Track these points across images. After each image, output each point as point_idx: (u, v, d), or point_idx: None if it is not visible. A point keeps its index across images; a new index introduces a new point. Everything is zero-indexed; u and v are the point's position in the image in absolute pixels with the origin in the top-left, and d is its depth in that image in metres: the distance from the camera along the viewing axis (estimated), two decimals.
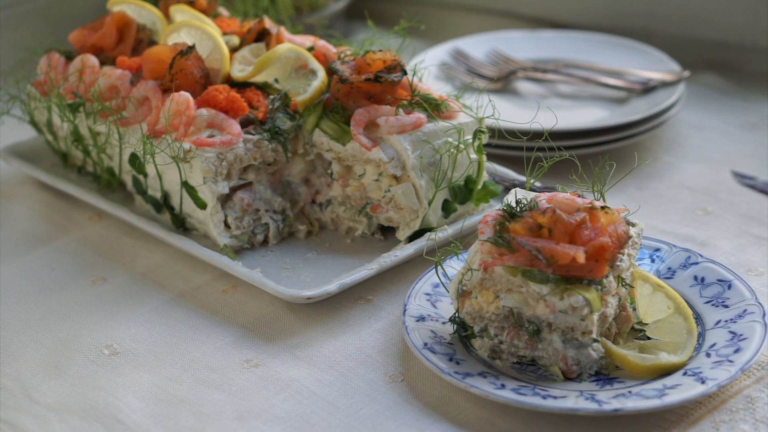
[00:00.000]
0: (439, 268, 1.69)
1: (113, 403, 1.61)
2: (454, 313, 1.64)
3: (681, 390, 1.51)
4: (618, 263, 1.57)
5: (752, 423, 1.51)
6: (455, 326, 1.64)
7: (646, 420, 1.52)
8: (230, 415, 1.58)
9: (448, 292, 1.69)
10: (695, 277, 1.73)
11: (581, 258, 1.50)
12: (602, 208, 1.56)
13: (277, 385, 1.64)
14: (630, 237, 1.59)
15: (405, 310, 1.67)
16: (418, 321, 1.66)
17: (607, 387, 1.54)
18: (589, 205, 1.57)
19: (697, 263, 1.75)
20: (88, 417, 1.59)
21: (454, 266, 1.75)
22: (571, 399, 1.50)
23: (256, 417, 1.58)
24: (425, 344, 1.61)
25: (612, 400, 1.49)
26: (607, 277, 1.55)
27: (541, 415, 1.54)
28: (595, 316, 1.53)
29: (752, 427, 1.50)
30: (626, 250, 1.59)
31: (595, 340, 1.55)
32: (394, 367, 1.66)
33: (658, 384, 1.53)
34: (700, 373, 1.54)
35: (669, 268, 1.75)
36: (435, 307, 1.69)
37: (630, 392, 1.52)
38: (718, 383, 1.51)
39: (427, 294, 1.71)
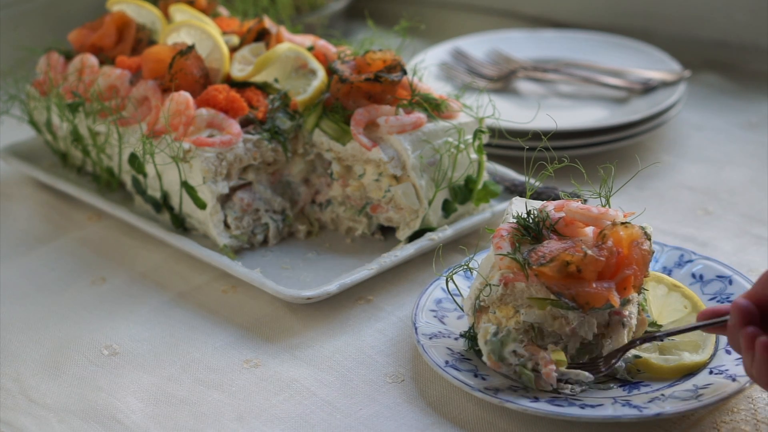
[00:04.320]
0: (449, 284, 1.66)
1: (113, 403, 1.61)
2: (469, 329, 1.62)
3: (714, 389, 1.50)
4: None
5: (753, 424, 1.51)
6: (468, 341, 1.62)
7: (646, 421, 1.52)
8: (230, 415, 1.58)
9: (457, 306, 1.68)
10: (693, 275, 1.73)
11: (617, 301, 1.49)
12: (623, 224, 1.54)
13: (277, 386, 1.63)
14: (653, 253, 1.57)
15: (416, 328, 1.64)
16: (431, 338, 1.63)
17: (635, 391, 1.53)
18: (610, 223, 1.55)
19: (691, 261, 1.74)
20: (87, 417, 1.59)
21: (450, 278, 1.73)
22: (609, 407, 1.48)
23: (256, 417, 1.58)
24: (446, 362, 1.58)
25: (650, 404, 1.48)
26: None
27: (540, 415, 1.53)
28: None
29: (753, 428, 1.50)
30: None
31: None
32: (394, 367, 1.66)
33: (688, 385, 1.52)
34: (727, 370, 1.53)
35: (664, 267, 1.74)
36: (443, 323, 1.67)
37: (663, 395, 1.50)
38: (749, 379, 1.49)
39: (433, 311, 1.69)
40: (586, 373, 1.52)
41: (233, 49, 2.03)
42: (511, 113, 2.18)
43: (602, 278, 1.51)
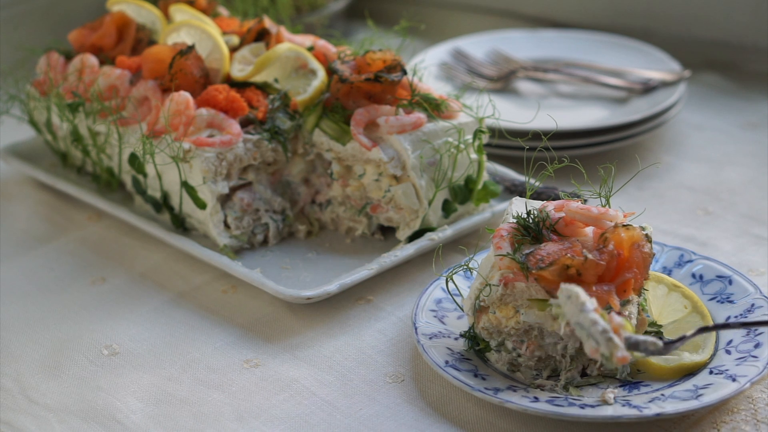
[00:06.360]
0: (449, 284, 1.67)
1: (112, 403, 1.61)
2: (469, 329, 1.62)
3: (715, 389, 1.50)
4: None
5: (753, 424, 1.51)
6: (468, 341, 1.62)
7: (646, 420, 1.52)
8: (230, 415, 1.58)
9: (457, 306, 1.68)
10: (693, 275, 1.73)
11: (617, 305, 1.49)
12: (624, 226, 1.54)
13: (277, 386, 1.63)
14: (653, 255, 1.57)
15: (416, 328, 1.64)
16: (431, 338, 1.63)
17: (635, 391, 1.53)
18: (611, 224, 1.55)
19: (691, 261, 1.74)
20: (87, 417, 1.59)
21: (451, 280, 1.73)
22: (609, 407, 1.48)
23: (256, 417, 1.58)
24: (446, 362, 1.58)
25: (650, 404, 1.48)
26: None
27: (540, 415, 1.53)
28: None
29: (753, 428, 1.50)
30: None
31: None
32: (394, 367, 1.66)
33: (688, 385, 1.52)
34: (727, 370, 1.53)
35: (664, 267, 1.75)
36: (443, 323, 1.67)
37: (663, 395, 1.50)
38: (749, 379, 1.50)
39: (433, 311, 1.70)
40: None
41: (233, 49, 2.03)
42: (511, 113, 2.18)
43: (602, 281, 1.50)
